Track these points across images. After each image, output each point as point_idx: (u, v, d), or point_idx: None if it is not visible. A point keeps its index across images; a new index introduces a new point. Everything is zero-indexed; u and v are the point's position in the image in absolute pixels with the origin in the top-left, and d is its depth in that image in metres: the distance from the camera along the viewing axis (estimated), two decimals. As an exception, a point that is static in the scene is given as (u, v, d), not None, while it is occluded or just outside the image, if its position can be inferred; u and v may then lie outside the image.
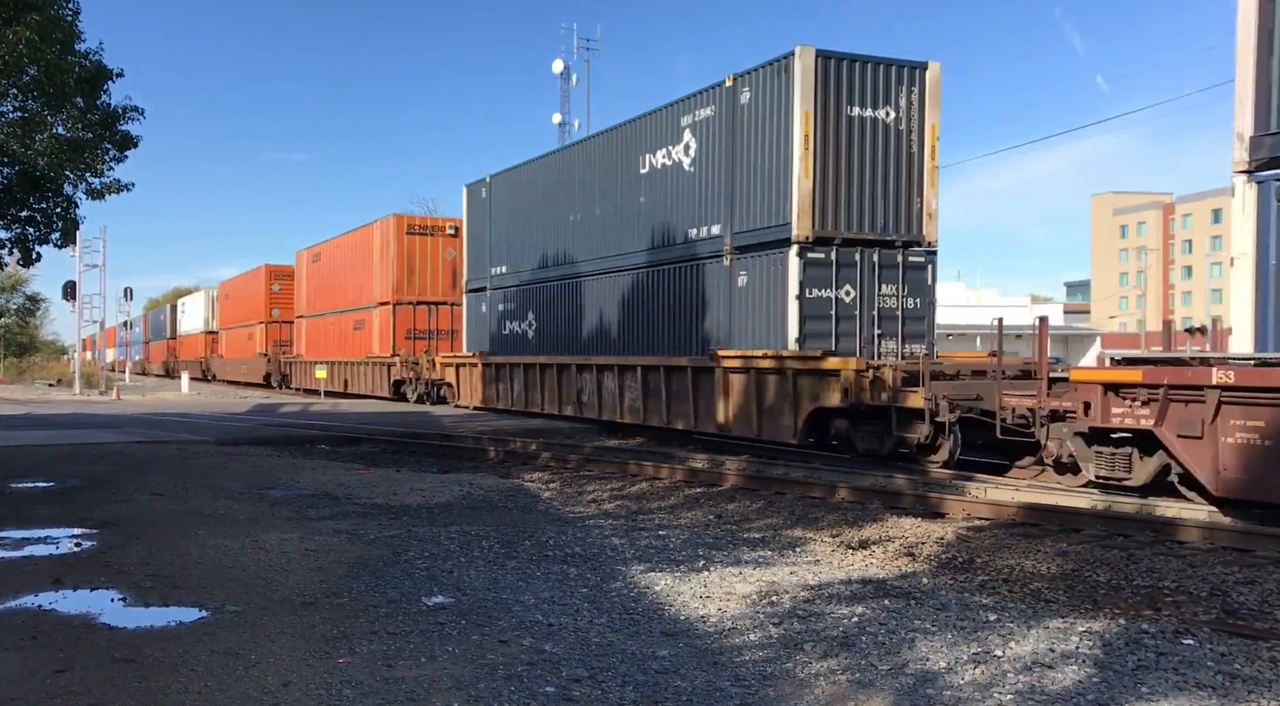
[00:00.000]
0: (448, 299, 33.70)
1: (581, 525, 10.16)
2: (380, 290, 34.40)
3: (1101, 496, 11.16)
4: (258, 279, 50.13)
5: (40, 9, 13.36)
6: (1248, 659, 5.59)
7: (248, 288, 52.68)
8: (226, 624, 6.29)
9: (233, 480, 13.48)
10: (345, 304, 38.30)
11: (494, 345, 26.61)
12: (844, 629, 6.18)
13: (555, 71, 51.11)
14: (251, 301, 51.21)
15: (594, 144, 22.66)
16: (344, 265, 38.80)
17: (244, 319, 52.75)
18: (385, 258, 34.15)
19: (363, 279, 36.13)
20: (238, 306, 54.65)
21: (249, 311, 51.68)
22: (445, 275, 33.81)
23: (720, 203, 17.68)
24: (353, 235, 37.98)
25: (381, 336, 34.35)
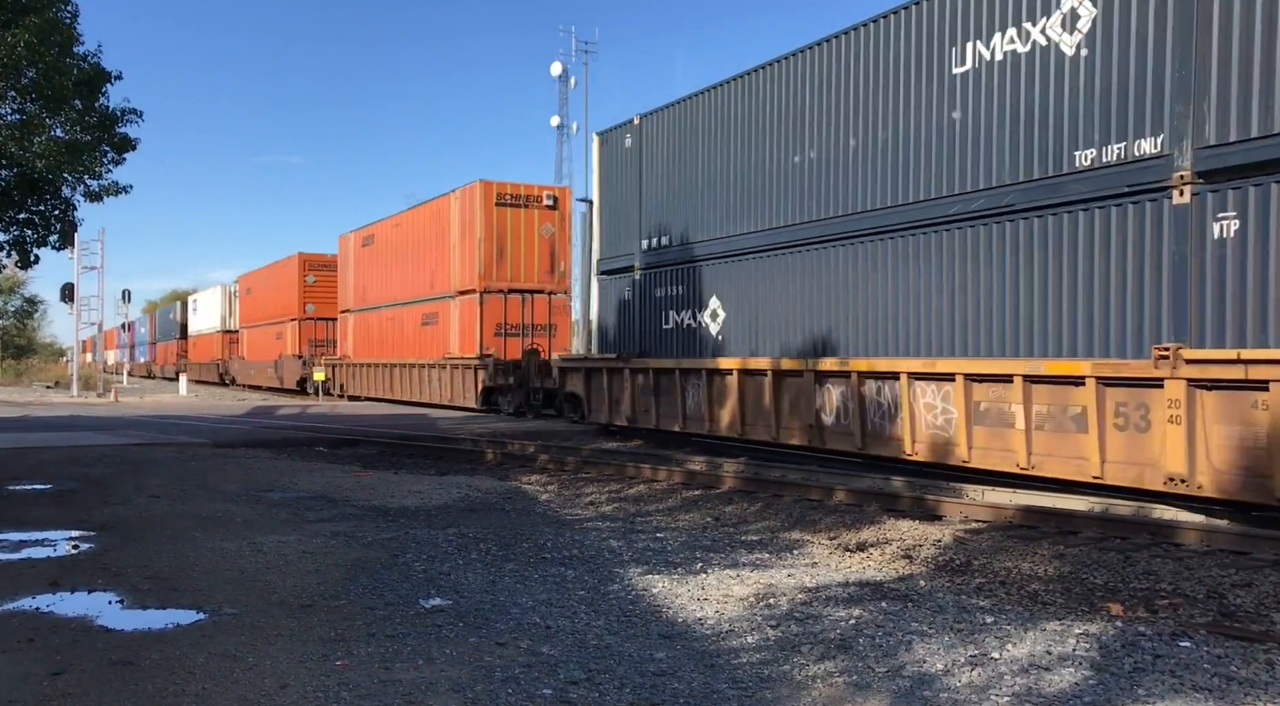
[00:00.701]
0: (544, 286, 28.22)
1: (579, 527, 10.16)
2: (462, 276, 28.51)
3: (1099, 499, 11.17)
4: (288, 270, 44.62)
5: (39, 11, 13.39)
6: (1244, 661, 5.60)
7: (275, 280, 46.87)
8: (224, 626, 6.29)
9: (230, 482, 13.48)
10: (410, 294, 32.43)
11: (644, 343, 19.30)
12: (841, 631, 6.19)
13: (553, 74, 51.25)
14: (280, 295, 45.86)
15: (839, 47, 14.84)
16: (408, 248, 32.73)
17: (271, 316, 47.33)
18: (468, 235, 28.17)
19: (435, 263, 30.41)
20: (263, 302, 49.15)
21: (277, 307, 46.26)
22: (542, 257, 28.20)
23: (1160, 100, 10.42)
24: (421, 210, 31.88)
25: (463, 333, 28.39)
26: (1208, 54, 10.00)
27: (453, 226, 29.27)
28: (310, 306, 42.95)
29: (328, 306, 42.25)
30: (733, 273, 16.87)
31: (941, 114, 13.06)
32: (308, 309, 42.92)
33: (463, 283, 28.63)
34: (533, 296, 28.10)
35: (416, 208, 32.24)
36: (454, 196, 29.25)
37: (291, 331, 43.85)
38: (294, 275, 43.63)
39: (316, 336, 42.91)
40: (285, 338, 44.71)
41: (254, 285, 51.50)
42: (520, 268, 28.09)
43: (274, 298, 46.96)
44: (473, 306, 27.98)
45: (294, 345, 43.42)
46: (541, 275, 28.26)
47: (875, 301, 14.02)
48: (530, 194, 28.09)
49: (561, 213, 27.81)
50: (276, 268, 46.92)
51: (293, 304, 43.76)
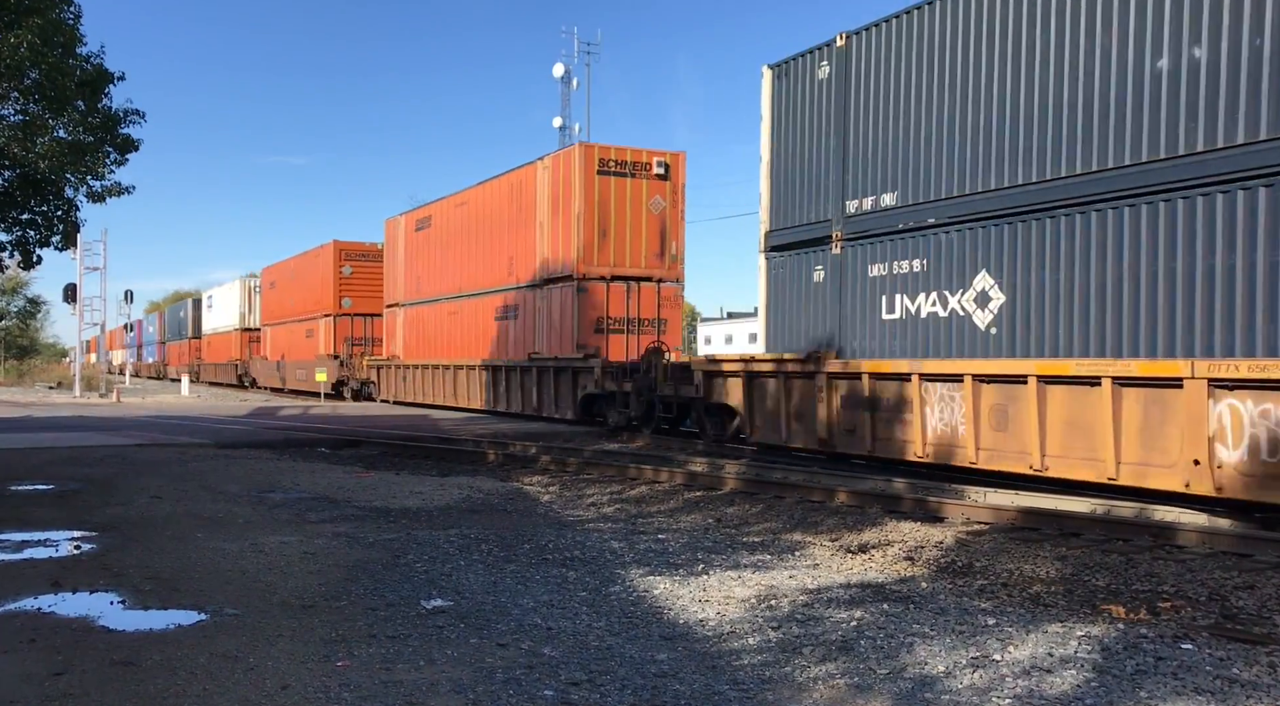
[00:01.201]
0: (652, 272, 23.82)
1: (581, 528, 10.16)
2: (553, 260, 24.24)
3: (1101, 501, 11.15)
4: (320, 261, 40.11)
5: (42, 13, 13.41)
6: (1246, 663, 5.59)
7: (305, 272, 42.10)
8: (225, 627, 6.29)
9: (232, 483, 13.48)
10: (480, 283, 28.15)
11: (844, 339, 14.88)
12: (843, 633, 6.18)
13: (556, 75, 51.24)
14: (311, 289, 41.35)
15: None
16: (477, 230, 28.37)
17: (300, 312, 42.81)
18: (562, 211, 23.81)
19: (516, 246, 26.11)
20: (290, 296, 44.55)
21: (307, 302, 41.70)
22: (650, 237, 23.77)
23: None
24: (495, 185, 27.37)
25: (554, 328, 24.11)
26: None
27: (540, 201, 24.83)
28: (346, 301, 38.57)
29: (367, 301, 38.15)
30: (1022, 238, 12.17)
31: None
32: (344, 304, 38.58)
33: (554, 268, 24.16)
34: (639, 285, 23.58)
35: (488, 182, 27.78)
36: (543, 165, 24.82)
37: (325, 329, 39.54)
38: (328, 266, 38.99)
39: (354, 334, 38.65)
40: (318, 336, 40.34)
41: (279, 278, 46.71)
42: (625, 250, 23.57)
43: (303, 292, 42.36)
44: (567, 297, 23.43)
45: (328, 344, 39.19)
46: (650, 259, 23.86)
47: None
48: (638, 160, 23.65)
49: (674, 183, 23.64)
50: (307, 258, 42.21)
51: (326, 298, 39.25)
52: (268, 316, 49.02)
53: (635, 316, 23.63)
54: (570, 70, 51.11)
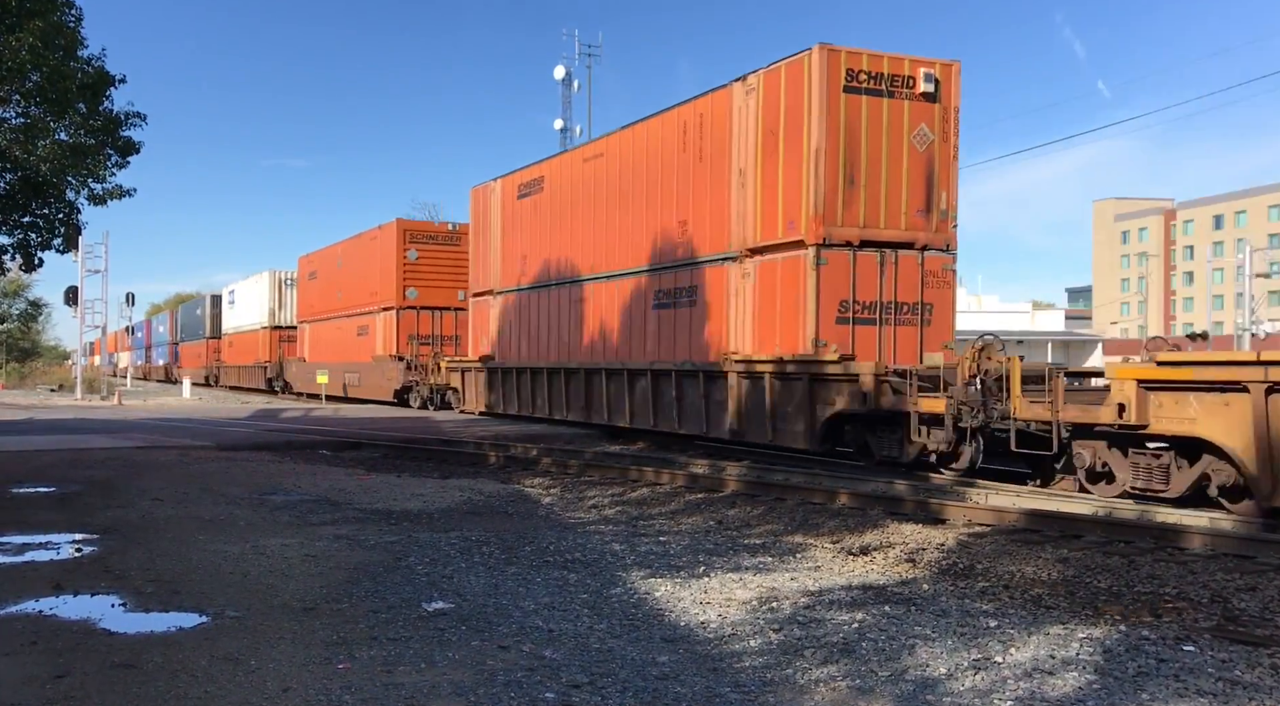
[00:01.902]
0: (915, 236, 16.51)
1: (582, 531, 10.16)
2: (767, 220, 16.88)
3: (1103, 502, 11.14)
4: (380, 245, 34.11)
5: (43, 15, 13.41)
6: (1248, 665, 5.58)
7: (358, 259, 36.19)
8: (227, 629, 6.29)
9: (233, 485, 13.48)
10: (629, 260, 20.83)
11: None
12: (844, 635, 6.18)
13: (557, 77, 51.23)
14: (365, 279, 35.25)
15: None
16: (622, 186, 21.04)
17: (350, 305, 36.75)
18: (786, 148, 16.44)
19: (697, 205, 18.58)
20: (336, 287, 38.59)
21: (360, 293, 35.75)
22: (914, 184, 16.43)
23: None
24: (657, 122, 20.06)
25: (768, 317, 16.91)
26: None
27: (740, 137, 17.54)
28: (412, 292, 32.58)
29: (436, 291, 32.79)
30: None
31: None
32: (408, 295, 32.57)
33: (769, 231, 16.86)
34: (897, 253, 16.39)
35: (643, 122, 20.76)
36: (745, 87, 17.52)
37: (384, 325, 33.53)
38: (389, 250, 32.97)
39: (419, 331, 32.79)
40: (374, 333, 34.46)
41: (322, 267, 40.51)
42: (879, 203, 16.28)
43: (355, 282, 36.44)
44: (795, 272, 16.28)
45: (388, 343, 33.15)
46: (912, 216, 16.49)
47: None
48: (897, 72, 16.34)
49: (944, 106, 16.62)
50: (360, 242, 36.35)
51: (387, 289, 33.30)
52: (306, 312, 42.81)
53: (893, 299, 16.51)
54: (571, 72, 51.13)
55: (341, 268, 38.29)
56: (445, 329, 33.41)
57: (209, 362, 59.05)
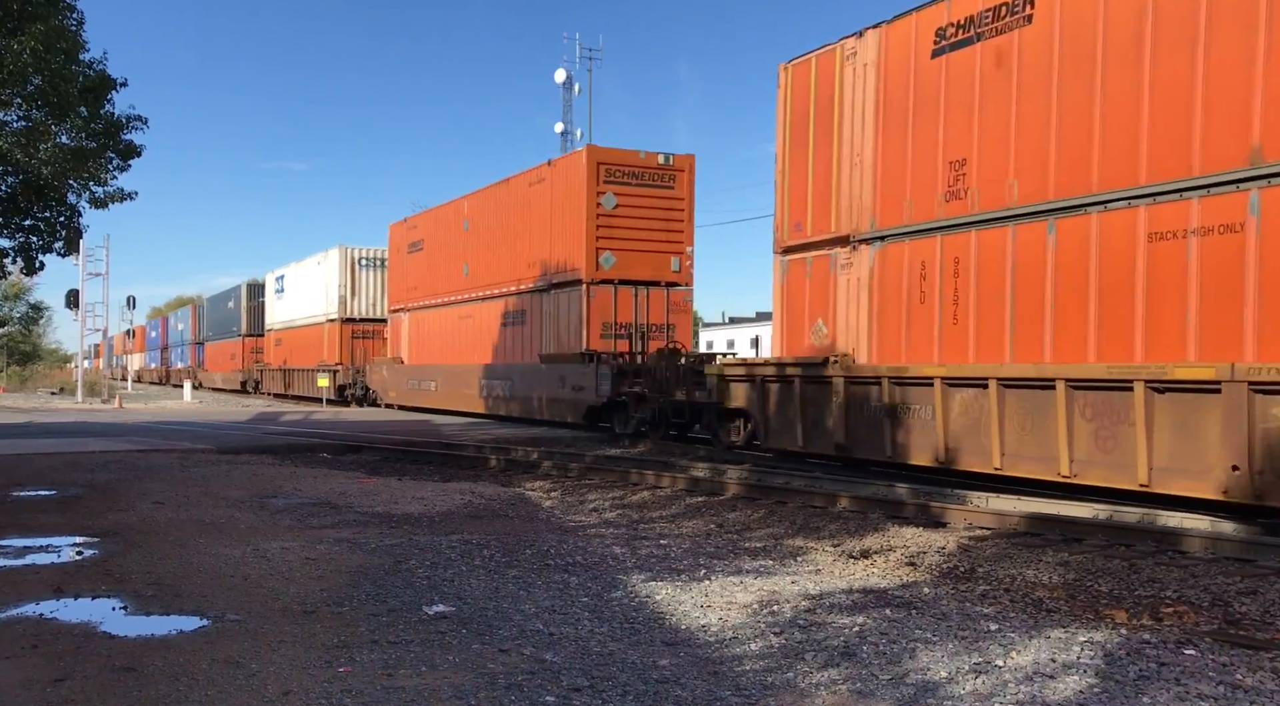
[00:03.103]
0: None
1: (583, 534, 10.16)
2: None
3: (1104, 506, 11.13)
4: (551, 188, 24.13)
5: (44, 19, 13.43)
6: (1250, 669, 5.58)
7: (503, 215, 26.47)
8: (227, 632, 6.29)
9: (234, 488, 13.48)
10: None
11: None
12: (845, 638, 6.17)
13: (558, 81, 51.34)
14: (525, 241, 25.30)
15: None
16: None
17: (486, 283, 27.40)
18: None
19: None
20: (460, 259, 29.05)
21: (508, 265, 26.10)
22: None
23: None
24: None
25: None
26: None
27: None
28: (607, 258, 22.62)
29: (641, 259, 22.86)
30: None
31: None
32: (602, 263, 22.62)
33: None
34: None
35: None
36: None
37: (565, 307, 23.65)
38: (573, 195, 22.91)
39: (619, 318, 22.96)
40: (539, 319, 24.86)
41: (433, 233, 30.93)
42: None
43: (500, 247, 26.67)
44: None
45: (570, 334, 23.36)
46: None
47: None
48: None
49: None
50: (511, 189, 26.01)
51: (568, 253, 23.34)
52: (404, 295, 33.37)
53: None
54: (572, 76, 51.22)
55: (470, 230, 28.27)
56: (653, 313, 23.19)
57: (246, 364, 50.55)
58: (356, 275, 37.85)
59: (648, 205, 23.24)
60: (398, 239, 34.25)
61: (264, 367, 48.12)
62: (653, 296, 23.48)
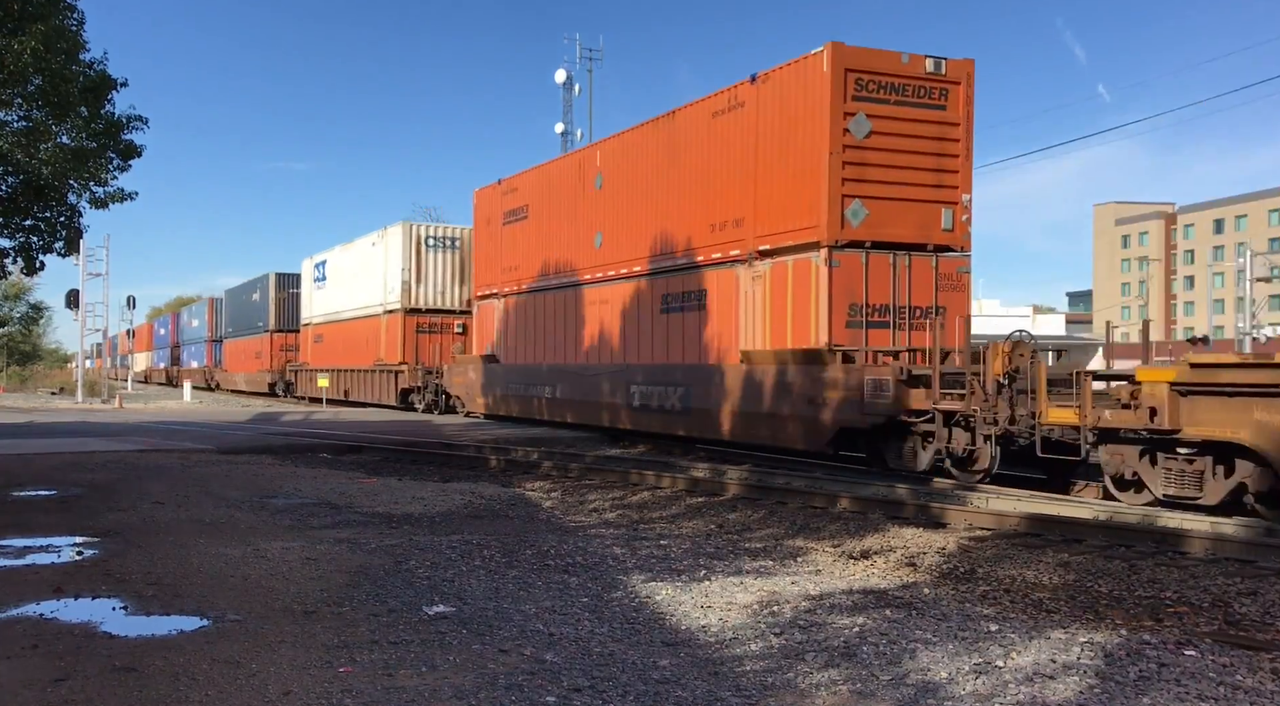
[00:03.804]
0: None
1: (583, 534, 10.15)
2: None
3: (1103, 506, 11.13)
4: (771, 106, 16.88)
5: (45, 19, 13.42)
6: (1250, 670, 5.58)
7: (656, 158, 20.08)
8: (228, 633, 6.29)
9: (234, 488, 13.48)
10: None
11: None
12: (845, 639, 6.17)
13: (558, 81, 51.24)
14: (686, 200, 19.04)
15: None
16: None
17: (618, 258, 21.25)
18: None
19: None
20: (590, 226, 22.29)
21: (668, 230, 19.61)
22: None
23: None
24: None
25: None
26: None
27: None
28: (856, 209, 15.80)
29: (902, 211, 16.08)
30: None
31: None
32: (849, 216, 15.78)
33: None
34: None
35: None
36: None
37: (797, 282, 16.36)
38: (812, 112, 15.93)
39: (871, 298, 15.95)
40: (725, 305, 18.03)
41: (547, 195, 24.31)
42: None
43: (650, 208, 20.23)
44: None
45: (793, 324, 16.49)
46: None
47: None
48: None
49: None
50: (677, 124, 19.44)
51: (803, 201, 16.12)
52: (497, 279, 26.78)
53: None
54: (572, 77, 51.12)
55: (606, 188, 21.72)
56: (917, 291, 16.15)
57: (275, 364, 44.99)
58: (423, 257, 32.12)
59: (912, 133, 16.13)
60: (487, 207, 27.47)
61: (300, 367, 41.92)
62: (916, 266, 16.23)
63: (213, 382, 56.84)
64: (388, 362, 32.80)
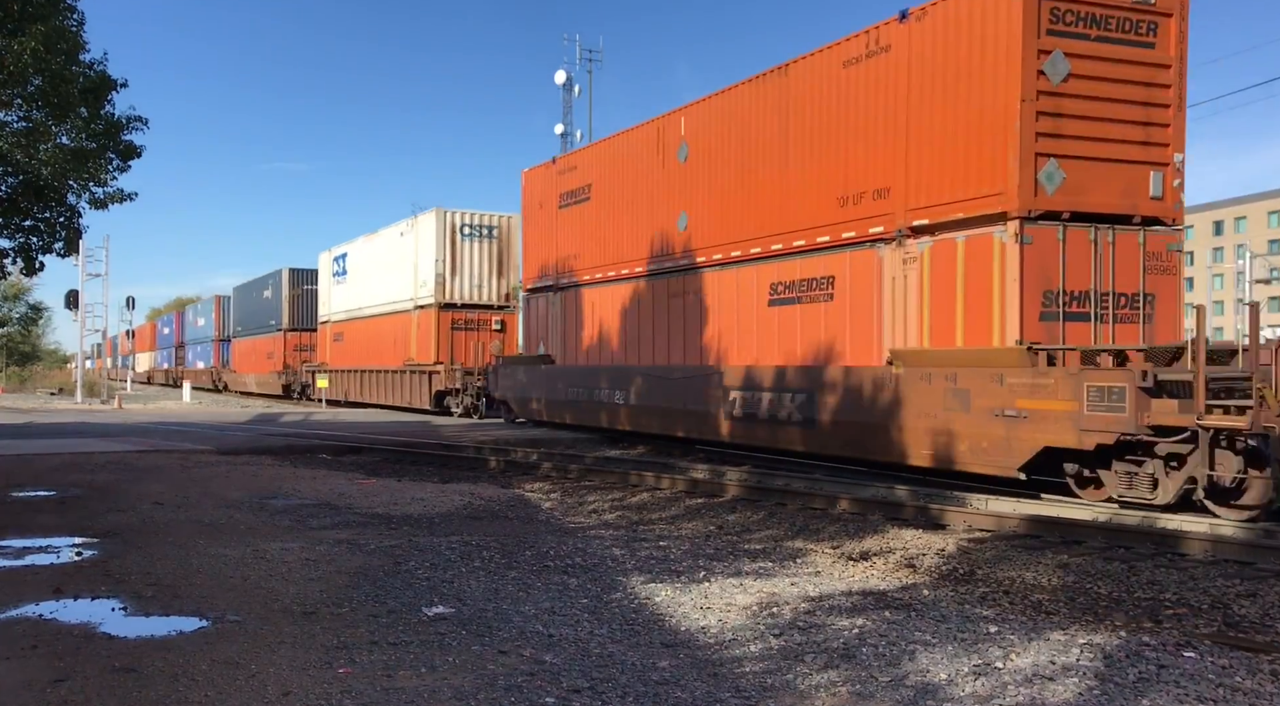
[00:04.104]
0: None
1: (582, 535, 10.16)
2: None
3: (1103, 508, 11.13)
4: (929, 45, 13.46)
5: (45, 19, 13.42)
6: (1249, 672, 5.58)
7: (765, 120, 16.50)
8: (227, 633, 6.29)
9: (234, 489, 13.48)
10: None
11: None
12: (844, 640, 6.18)
13: (558, 82, 51.32)
14: (811, 168, 15.48)
15: None
16: None
17: (711, 241, 17.72)
18: None
19: None
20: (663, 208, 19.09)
21: (787, 206, 15.93)
22: None
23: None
24: None
25: None
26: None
27: None
28: (1051, 170, 12.41)
29: (1104, 175, 12.83)
30: None
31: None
32: (1042, 179, 12.44)
33: None
34: None
35: None
36: None
37: (976, 263, 12.94)
38: (994, 50, 12.63)
39: (1068, 284, 12.64)
40: (862, 295, 14.65)
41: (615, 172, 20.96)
42: None
43: (757, 180, 16.84)
44: None
45: (973, 315, 12.99)
46: None
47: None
48: None
49: None
50: (791, 78, 16.06)
51: (981, 161, 12.81)
52: (552, 268, 23.13)
53: None
54: (572, 77, 51.19)
55: (692, 160, 18.49)
56: (1121, 275, 13.15)
57: (289, 364, 43.06)
58: (458, 248, 29.48)
59: (1116, 76, 13.06)
60: (538, 190, 24.04)
61: (317, 368, 39.45)
62: (1120, 244, 13.12)
63: (220, 384, 54.75)
64: (420, 363, 30.38)
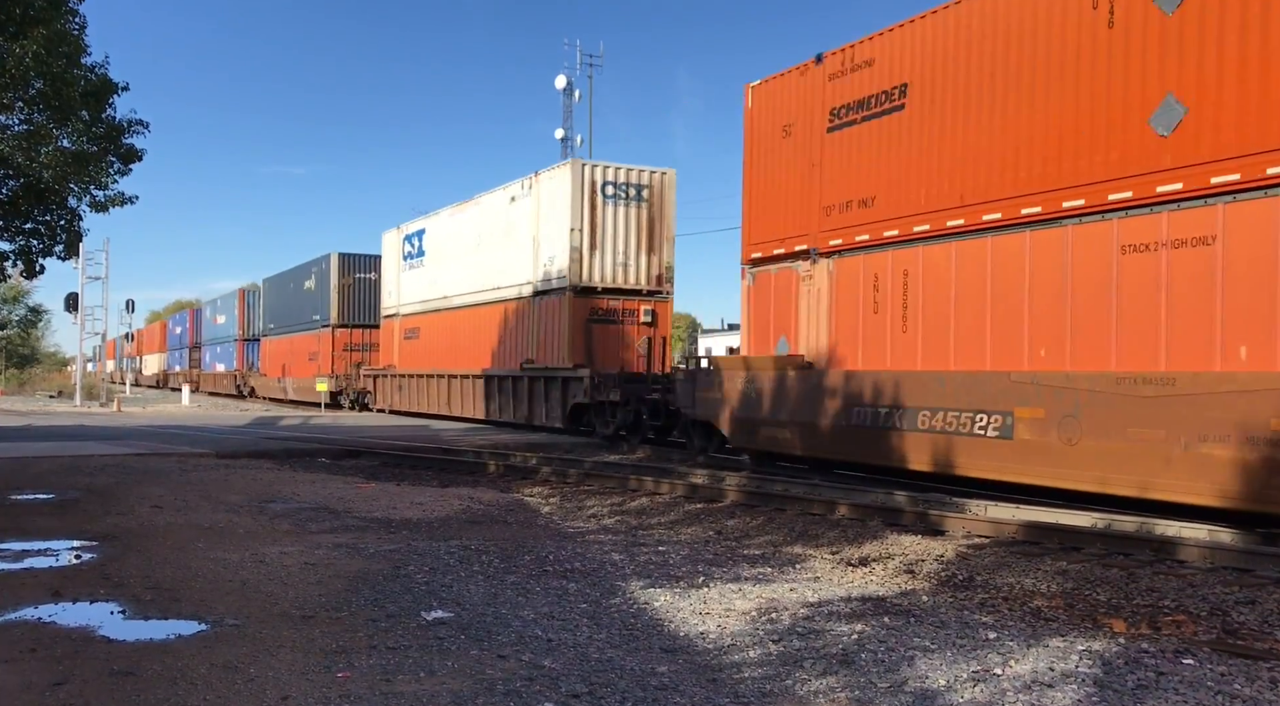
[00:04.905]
0: None
1: (581, 540, 10.15)
2: None
3: (1102, 515, 11.14)
4: None
5: (46, 23, 13.46)
6: (1248, 679, 5.58)
7: None
8: (226, 637, 6.29)
9: (233, 493, 13.47)
10: None
11: None
12: (844, 646, 6.17)
13: (558, 87, 51.39)
14: None
15: None
16: None
17: None
18: None
19: None
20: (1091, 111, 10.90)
21: None
22: None
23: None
24: None
25: None
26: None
27: None
28: None
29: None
30: None
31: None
32: None
33: None
34: None
35: None
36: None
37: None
38: None
39: None
40: None
41: (972, 43, 12.56)
42: None
43: None
44: None
45: None
46: None
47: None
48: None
49: None
50: None
51: None
52: (799, 227, 15.49)
53: None
54: (572, 82, 51.27)
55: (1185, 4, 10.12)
56: None
57: (338, 368, 35.92)
58: (598, 213, 22.63)
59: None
60: (782, 108, 16.08)
61: (379, 373, 32.58)
62: None
63: (246, 389, 47.00)
64: (549, 366, 23.17)
